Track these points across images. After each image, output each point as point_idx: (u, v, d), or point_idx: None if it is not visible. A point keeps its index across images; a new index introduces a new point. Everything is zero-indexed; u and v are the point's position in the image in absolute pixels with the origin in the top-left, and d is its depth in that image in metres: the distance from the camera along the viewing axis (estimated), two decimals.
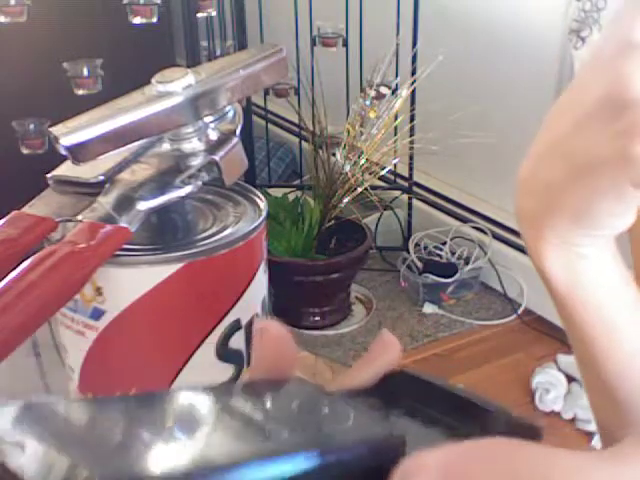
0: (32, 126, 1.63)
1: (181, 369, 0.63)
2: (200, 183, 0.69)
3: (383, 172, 1.42)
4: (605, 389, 0.39)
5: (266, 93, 1.59)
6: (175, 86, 0.65)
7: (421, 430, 0.25)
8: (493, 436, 0.23)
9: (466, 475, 0.20)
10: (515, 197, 0.36)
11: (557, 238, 0.35)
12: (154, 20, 1.54)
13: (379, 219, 1.66)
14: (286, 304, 1.45)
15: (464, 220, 1.63)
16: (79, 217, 0.64)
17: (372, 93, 1.38)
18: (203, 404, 0.24)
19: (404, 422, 0.26)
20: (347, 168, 1.37)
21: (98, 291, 0.68)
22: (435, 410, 0.26)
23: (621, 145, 0.29)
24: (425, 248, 1.60)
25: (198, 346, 0.66)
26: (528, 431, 0.25)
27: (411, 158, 1.55)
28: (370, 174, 1.40)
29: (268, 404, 0.24)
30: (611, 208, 0.32)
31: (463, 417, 0.26)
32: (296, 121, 1.67)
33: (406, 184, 1.62)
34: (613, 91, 0.30)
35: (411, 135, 1.47)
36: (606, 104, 0.30)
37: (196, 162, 0.68)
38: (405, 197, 1.64)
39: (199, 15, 1.49)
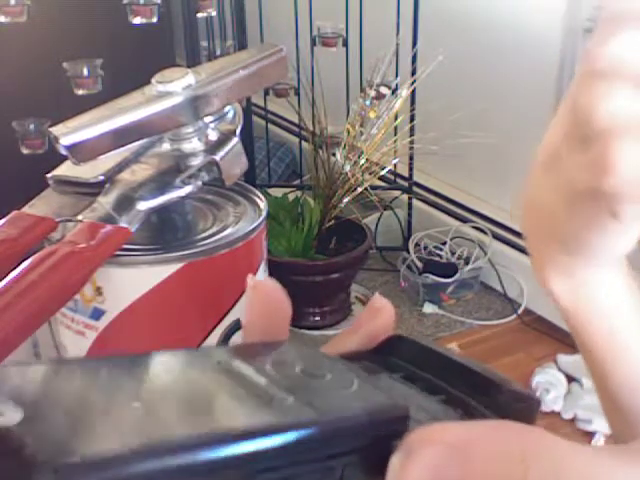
0: (32, 126, 1.63)
1: None
2: (200, 183, 0.69)
3: (383, 172, 1.42)
4: (614, 401, 0.39)
5: (266, 93, 1.59)
6: (175, 86, 0.65)
7: (420, 397, 0.25)
8: (494, 404, 0.24)
9: (474, 455, 0.20)
10: (521, 216, 0.36)
11: (559, 265, 0.35)
12: (154, 20, 1.54)
13: (379, 219, 1.66)
14: None
15: (464, 220, 1.63)
16: (79, 217, 0.64)
17: (372, 93, 1.38)
18: (201, 365, 0.24)
19: (403, 388, 0.26)
20: (347, 168, 1.37)
21: (98, 291, 0.68)
22: (434, 376, 0.26)
23: (592, 177, 0.29)
24: (425, 248, 1.60)
25: (198, 346, 0.65)
26: (526, 401, 0.25)
27: (411, 158, 1.55)
28: (370, 174, 1.40)
29: (269, 368, 0.23)
30: (600, 238, 0.32)
31: (462, 384, 0.26)
32: (296, 121, 1.67)
33: (406, 184, 1.62)
34: (577, 123, 0.29)
35: (411, 135, 1.47)
36: (574, 136, 0.30)
37: (196, 162, 0.68)
38: (405, 197, 1.64)
39: (199, 15, 1.49)
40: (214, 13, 1.52)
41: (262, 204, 0.75)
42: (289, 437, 0.20)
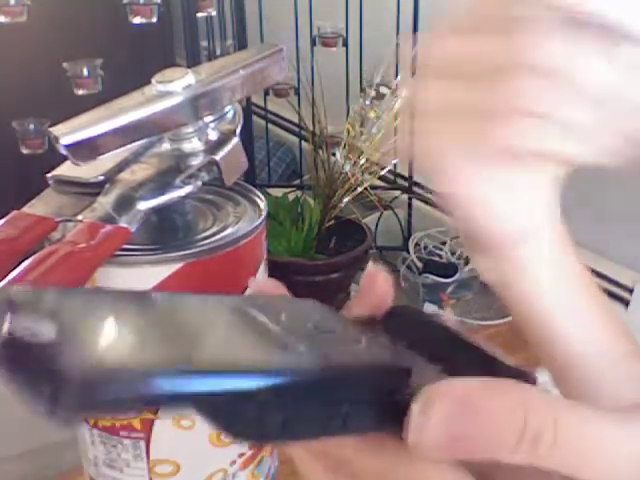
0: (32, 126, 1.63)
1: None
2: (200, 183, 0.69)
3: (383, 172, 1.42)
4: (559, 382, 0.42)
5: (266, 93, 1.59)
6: (175, 86, 0.65)
7: (424, 365, 0.27)
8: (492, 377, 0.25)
9: (481, 408, 0.23)
10: None
11: (469, 250, 0.39)
12: (154, 20, 1.54)
13: (379, 219, 1.66)
14: None
15: None
16: (79, 217, 0.64)
17: (372, 93, 1.38)
18: (219, 308, 0.25)
19: (406, 352, 0.27)
20: (347, 168, 1.37)
21: None
22: (435, 347, 0.28)
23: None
24: (425, 248, 1.60)
25: None
26: (522, 377, 0.27)
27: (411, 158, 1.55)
28: (370, 174, 1.40)
29: (284, 318, 0.25)
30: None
31: (462, 357, 0.28)
32: (296, 121, 1.67)
33: (406, 184, 1.62)
34: None
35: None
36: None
37: (196, 162, 0.68)
38: (405, 197, 1.64)
39: (199, 15, 1.49)
40: (214, 13, 1.52)
41: (262, 204, 0.75)
42: (299, 379, 0.21)
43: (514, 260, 0.38)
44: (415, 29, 1.46)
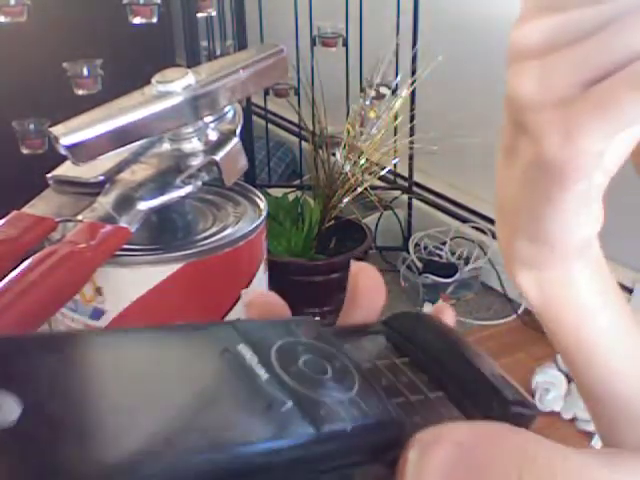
0: (32, 126, 1.63)
1: None
2: (200, 183, 0.69)
3: (383, 172, 1.42)
4: (590, 399, 0.39)
5: (266, 93, 1.59)
6: (175, 86, 0.65)
7: (423, 392, 0.26)
8: (491, 413, 0.25)
9: (478, 455, 0.22)
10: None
11: (525, 259, 0.35)
12: (154, 20, 1.54)
13: (379, 219, 1.66)
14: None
15: (464, 220, 1.63)
16: (79, 217, 0.64)
17: (372, 93, 1.38)
18: (205, 352, 0.23)
19: (405, 380, 0.26)
20: (347, 168, 1.37)
21: (98, 291, 0.68)
22: (437, 367, 0.27)
23: (534, 150, 0.29)
24: (425, 248, 1.60)
25: None
26: (527, 409, 0.26)
27: (411, 158, 1.55)
28: (370, 174, 1.40)
29: (274, 357, 0.23)
30: (554, 217, 0.31)
31: (465, 381, 0.26)
32: (296, 121, 1.67)
33: (406, 184, 1.62)
34: (512, 108, 0.30)
35: (411, 135, 1.47)
36: (515, 122, 0.31)
37: (196, 162, 0.68)
38: (405, 197, 1.63)
39: (199, 15, 1.49)
40: (214, 13, 1.52)
41: (262, 204, 0.75)
42: (282, 451, 0.20)
43: (563, 275, 0.35)
44: (415, 29, 1.46)
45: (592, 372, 0.37)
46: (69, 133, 0.62)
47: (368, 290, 0.30)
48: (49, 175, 0.70)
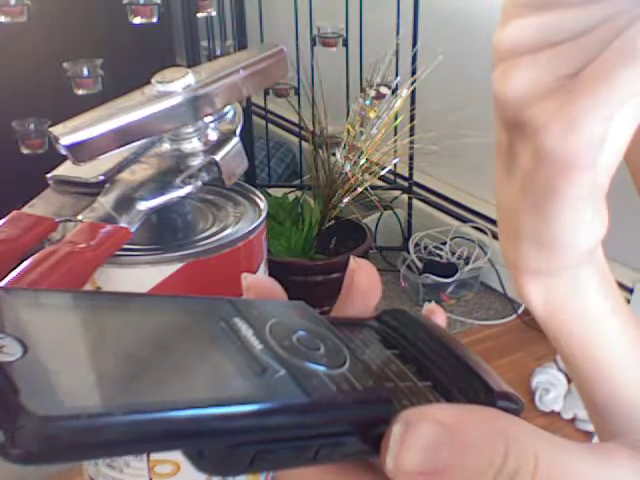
0: (32, 126, 1.63)
1: None
2: (200, 183, 0.69)
3: (383, 172, 1.42)
4: (593, 411, 0.38)
5: (266, 93, 1.59)
6: (175, 86, 0.65)
7: (411, 380, 0.26)
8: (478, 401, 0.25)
9: (462, 437, 0.22)
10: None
11: (529, 269, 0.34)
12: (154, 20, 1.54)
13: (379, 219, 1.66)
14: None
15: (464, 220, 1.63)
16: (79, 217, 0.64)
17: (372, 93, 1.38)
18: (202, 321, 0.24)
19: (394, 368, 0.26)
20: (347, 168, 1.37)
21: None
22: (426, 359, 0.27)
23: (532, 152, 0.29)
24: (425, 248, 1.60)
25: None
26: (514, 402, 0.26)
27: (411, 158, 1.55)
28: (370, 174, 1.40)
29: (268, 331, 0.24)
30: (558, 221, 0.31)
31: (454, 373, 0.26)
32: (296, 121, 1.67)
33: (406, 184, 1.62)
34: (502, 113, 0.30)
35: (411, 135, 1.47)
36: (508, 126, 0.30)
37: (196, 162, 0.68)
38: (405, 197, 1.64)
39: (199, 15, 1.49)
40: (214, 13, 1.52)
41: (262, 204, 0.75)
42: (271, 414, 0.21)
43: (572, 281, 0.34)
44: (415, 29, 1.46)
45: (599, 380, 0.36)
46: (69, 133, 0.62)
47: (363, 287, 0.30)
48: (49, 175, 0.70)
